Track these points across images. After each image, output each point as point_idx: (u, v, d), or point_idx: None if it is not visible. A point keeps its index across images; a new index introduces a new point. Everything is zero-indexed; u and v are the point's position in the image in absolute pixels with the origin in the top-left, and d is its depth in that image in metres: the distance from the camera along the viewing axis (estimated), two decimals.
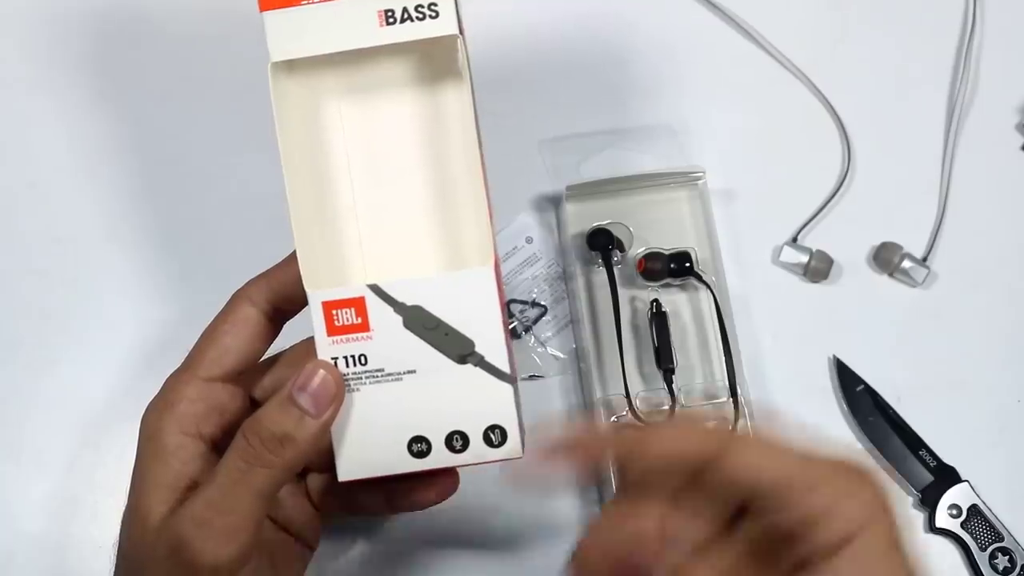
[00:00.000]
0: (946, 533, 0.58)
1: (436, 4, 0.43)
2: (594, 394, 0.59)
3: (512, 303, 0.62)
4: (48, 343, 0.62)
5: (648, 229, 0.62)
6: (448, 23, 0.43)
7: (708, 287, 0.60)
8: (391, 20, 0.43)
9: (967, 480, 0.58)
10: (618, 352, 0.59)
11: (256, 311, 0.47)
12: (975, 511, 0.57)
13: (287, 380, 0.43)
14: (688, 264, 0.60)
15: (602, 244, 0.60)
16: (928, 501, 0.58)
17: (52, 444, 0.60)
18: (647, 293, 0.61)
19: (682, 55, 0.66)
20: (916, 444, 0.59)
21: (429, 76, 0.47)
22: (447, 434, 0.45)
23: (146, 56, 0.66)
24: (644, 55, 0.66)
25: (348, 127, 0.47)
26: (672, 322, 0.60)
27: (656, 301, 0.60)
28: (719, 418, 0.57)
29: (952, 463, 0.59)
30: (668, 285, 0.61)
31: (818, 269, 0.62)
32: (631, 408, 0.58)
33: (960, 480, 0.58)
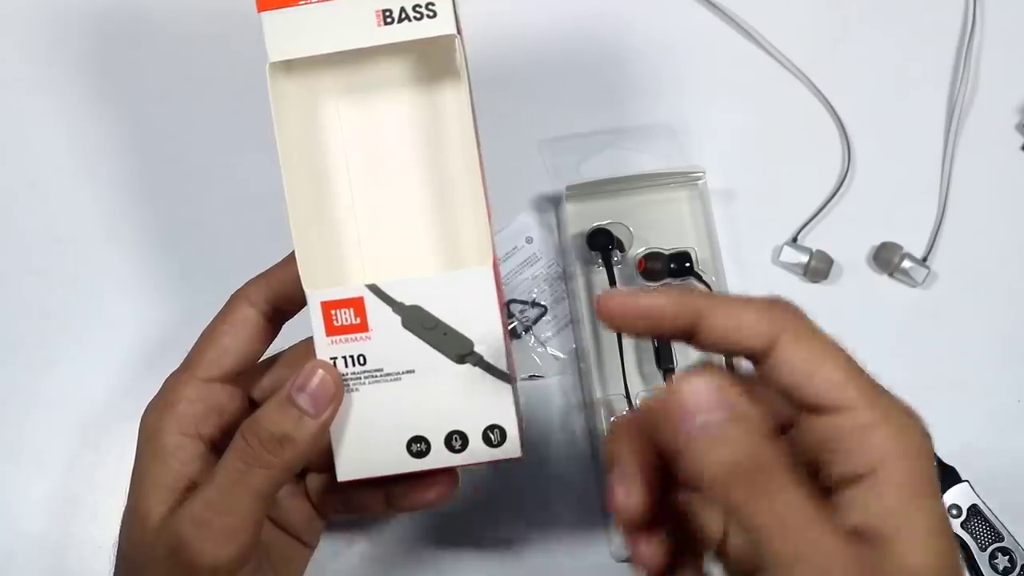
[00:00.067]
0: None
1: (434, 4, 0.43)
2: (594, 394, 0.59)
3: (512, 303, 0.62)
4: (48, 343, 0.62)
5: (648, 229, 0.62)
6: (446, 23, 0.43)
7: (708, 287, 0.60)
8: (389, 20, 0.43)
9: (967, 480, 0.58)
10: (618, 352, 0.59)
11: (255, 311, 0.47)
12: (975, 511, 0.57)
13: (286, 380, 0.43)
14: (688, 264, 0.60)
15: (602, 244, 0.60)
16: None
17: (52, 444, 0.60)
18: None
19: (682, 55, 0.66)
20: None
21: (427, 76, 0.47)
22: (446, 434, 0.45)
23: (146, 56, 0.66)
24: (643, 55, 0.66)
25: (346, 127, 0.47)
26: None
27: None
28: None
29: (952, 463, 0.59)
30: (668, 285, 0.61)
31: (818, 269, 0.62)
32: (631, 408, 0.58)
33: (960, 480, 0.58)
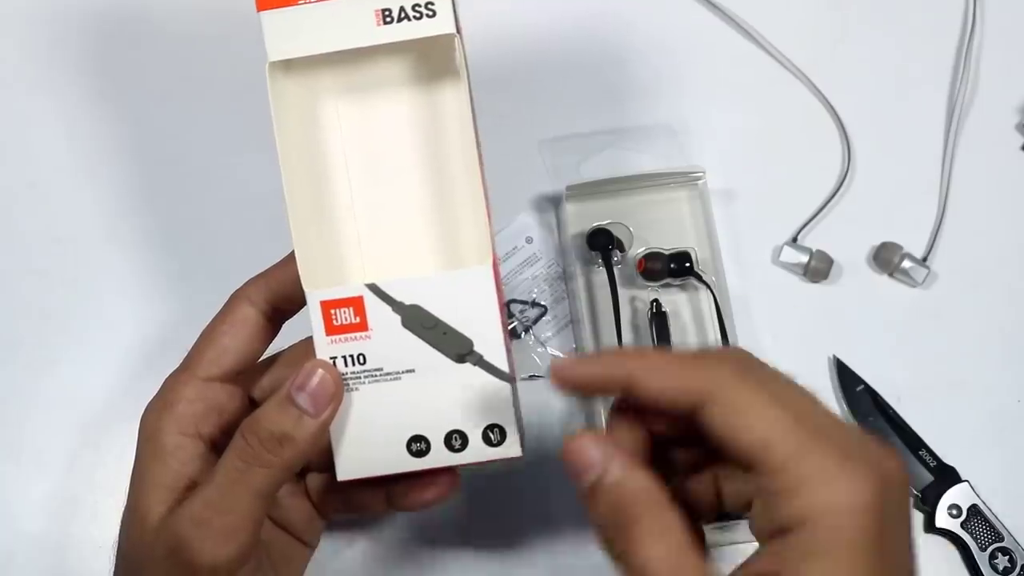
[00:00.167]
0: (946, 533, 0.57)
1: (433, 3, 0.43)
2: None
3: (512, 303, 0.62)
4: (48, 343, 0.62)
5: (648, 229, 0.62)
6: (445, 22, 0.43)
7: (708, 287, 0.60)
8: (388, 19, 0.43)
9: (967, 480, 0.58)
10: None
11: (255, 311, 0.47)
12: (975, 511, 0.57)
13: (286, 380, 0.43)
14: (688, 264, 0.60)
15: (602, 244, 0.60)
16: (928, 501, 0.58)
17: (52, 444, 0.60)
18: (647, 293, 0.61)
19: (682, 55, 0.66)
20: (916, 444, 0.59)
21: (427, 75, 0.47)
22: (446, 433, 0.45)
23: (146, 56, 0.66)
24: (644, 55, 0.66)
25: (346, 126, 0.47)
26: (672, 322, 0.59)
27: (656, 301, 0.60)
28: None
29: (952, 463, 0.58)
30: (668, 285, 0.61)
31: (818, 269, 0.62)
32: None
33: (960, 480, 0.58)
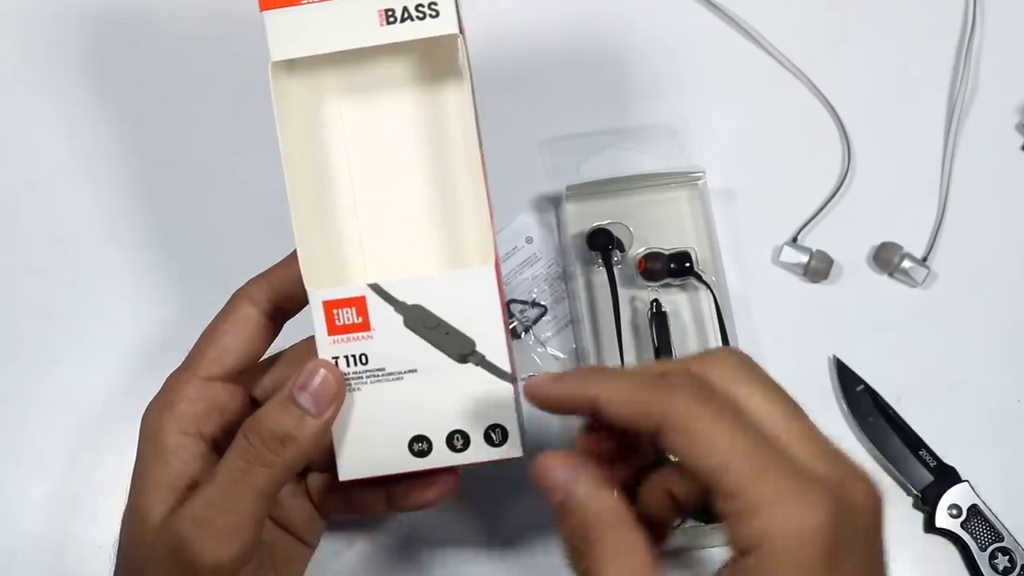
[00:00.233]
0: (946, 533, 0.58)
1: (436, 3, 0.43)
2: None
3: (512, 303, 0.62)
4: (48, 343, 0.62)
5: (648, 229, 0.62)
6: (448, 22, 0.43)
7: (708, 287, 0.60)
8: (391, 19, 0.43)
9: (967, 480, 0.58)
10: (618, 352, 0.59)
11: (256, 310, 0.47)
12: (975, 511, 0.57)
13: (287, 379, 0.43)
14: (688, 264, 0.60)
15: (602, 244, 0.60)
16: (928, 501, 0.58)
17: (52, 444, 0.60)
18: (647, 293, 0.61)
19: (682, 55, 0.66)
20: (916, 444, 0.59)
21: (429, 75, 0.47)
22: (448, 433, 0.45)
23: (146, 56, 0.66)
24: (644, 55, 0.66)
25: (348, 126, 0.47)
26: (672, 322, 0.59)
27: (656, 301, 0.60)
28: None
29: (952, 463, 0.59)
30: (668, 285, 0.61)
31: (818, 269, 0.62)
32: None
33: (960, 480, 0.58)
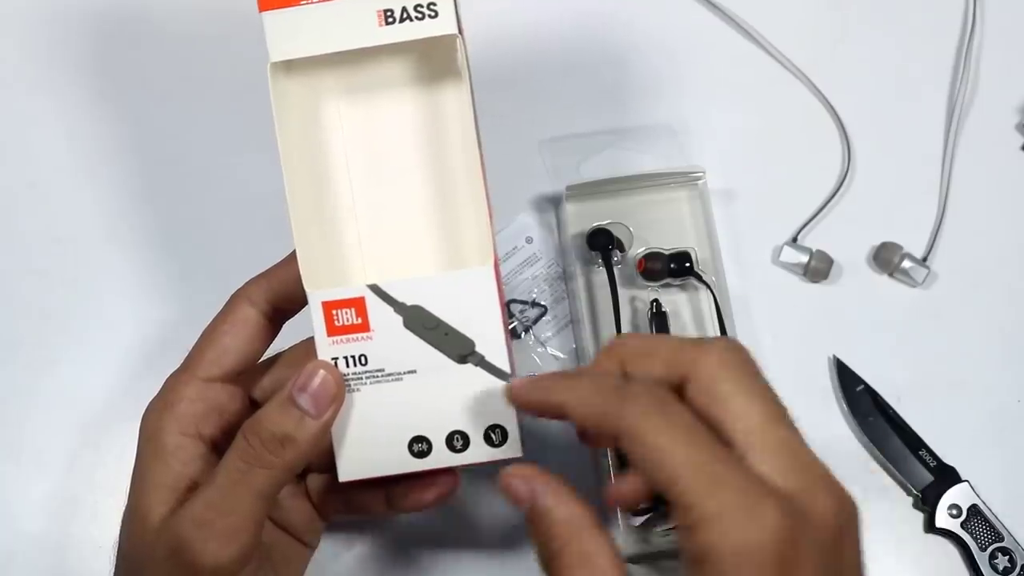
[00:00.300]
0: (946, 533, 0.58)
1: (435, 4, 0.43)
2: None
3: (512, 303, 0.62)
4: (48, 343, 0.62)
5: (648, 229, 0.62)
6: (447, 23, 0.43)
7: (708, 287, 0.60)
8: (390, 20, 0.43)
9: (967, 480, 0.58)
10: None
11: (255, 311, 0.47)
12: (975, 511, 0.57)
13: (287, 380, 0.43)
14: (688, 264, 0.60)
15: (602, 244, 0.60)
16: (928, 501, 0.58)
17: (52, 444, 0.60)
18: (647, 293, 0.61)
19: (682, 55, 0.66)
20: (916, 444, 0.59)
21: (428, 76, 0.47)
22: (447, 434, 0.45)
23: (146, 56, 0.66)
24: (644, 55, 0.66)
25: (347, 127, 0.47)
26: (672, 322, 0.59)
27: (656, 301, 0.60)
28: None
29: (952, 463, 0.58)
30: (668, 285, 0.61)
31: (818, 269, 0.62)
32: None
33: (960, 480, 0.58)
